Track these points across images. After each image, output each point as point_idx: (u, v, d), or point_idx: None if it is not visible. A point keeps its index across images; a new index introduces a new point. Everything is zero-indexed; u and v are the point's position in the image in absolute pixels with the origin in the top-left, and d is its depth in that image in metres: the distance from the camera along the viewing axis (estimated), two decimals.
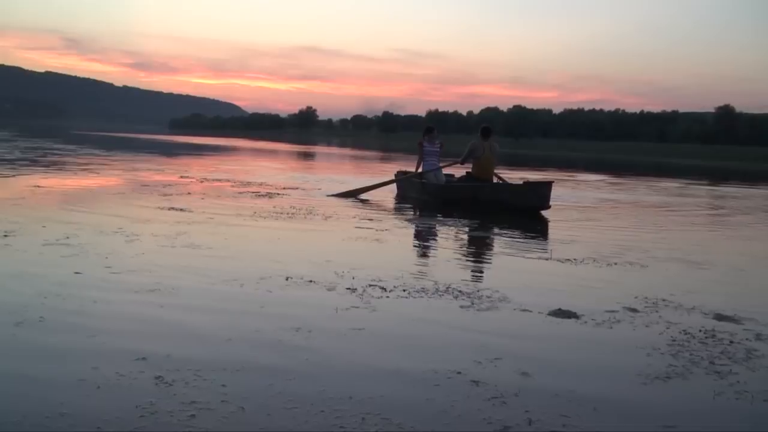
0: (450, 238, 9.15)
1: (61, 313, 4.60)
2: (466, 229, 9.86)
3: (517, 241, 9.04)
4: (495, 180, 13.73)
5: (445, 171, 14.65)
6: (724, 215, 14.43)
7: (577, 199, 15.73)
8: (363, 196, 13.87)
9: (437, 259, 7.58)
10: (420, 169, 14.40)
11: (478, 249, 8.44)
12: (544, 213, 11.79)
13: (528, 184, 12.49)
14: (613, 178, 28.48)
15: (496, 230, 9.80)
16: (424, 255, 7.83)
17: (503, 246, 8.68)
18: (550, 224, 10.87)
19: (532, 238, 9.28)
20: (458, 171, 14.49)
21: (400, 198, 14.32)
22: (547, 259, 7.65)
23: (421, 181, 14.02)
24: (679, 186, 25.14)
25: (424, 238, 9.15)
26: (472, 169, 13.45)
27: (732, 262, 8.08)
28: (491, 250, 8.43)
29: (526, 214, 11.57)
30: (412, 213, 11.78)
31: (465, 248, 8.47)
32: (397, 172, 16.52)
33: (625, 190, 20.94)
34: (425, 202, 13.27)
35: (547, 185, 12.10)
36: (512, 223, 10.43)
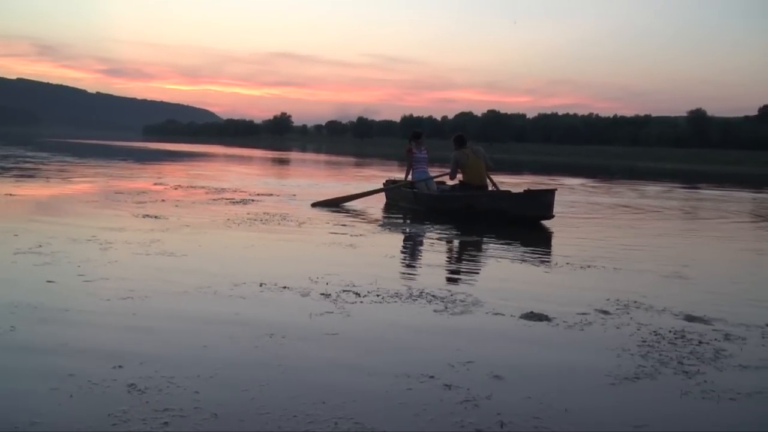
0: (425, 244, 9.18)
1: (33, 321, 4.58)
2: (443, 234, 9.88)
3: (493, 246, 9.08)
4: (490, 186, 12.97)
5: (442, 180, 14.22)
6: (709, 218, 14.48)
7: (560, 204, 15.56)
8: (349, 204, 13.32)
9: (412, 265, 7.62)
10: (410, 177, 13.89)
11: (453, 254, 8.47)
12: (546, 223, 11.27)
13: (530, 192, 11.70)
14: (593, 182, 28.56)
15: (473, 236, 9.81)
16: (398, 260, 7.85)
17: (479, 251, 8.72)
18: (530, 230, 10.72)
19: (509, 243, 9.32)
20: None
21: (389, 207, 13.71)
22: (521, 263, 7.70)
23: (413, 191, 13.47)
24: (663, 190, 25.28)
25: (399, 243, 9.17)
26: (464, 176, 12.81)
27: (707, 265, 8.20)
28: (467, 255, 8.46)
29: (527, 224, 11.00)
30: (388, 219, 11.77)
31: (440, 253, 8.50)
32: (386, 180, 15.87)
33: (607, 195, 20.97)
34: (416, 212, 12.70)
35: (550, 193, 11.43)
36: (492, 229, 10.41)
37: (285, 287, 5.83)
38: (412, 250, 8.84)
